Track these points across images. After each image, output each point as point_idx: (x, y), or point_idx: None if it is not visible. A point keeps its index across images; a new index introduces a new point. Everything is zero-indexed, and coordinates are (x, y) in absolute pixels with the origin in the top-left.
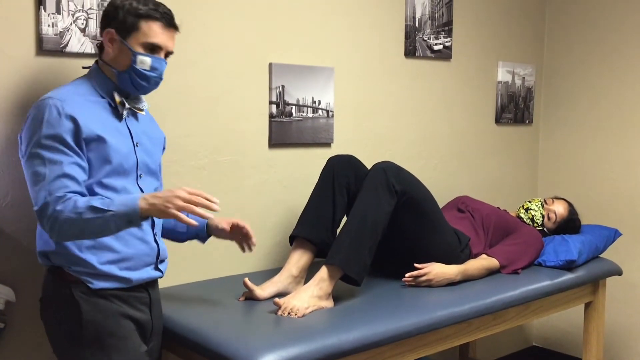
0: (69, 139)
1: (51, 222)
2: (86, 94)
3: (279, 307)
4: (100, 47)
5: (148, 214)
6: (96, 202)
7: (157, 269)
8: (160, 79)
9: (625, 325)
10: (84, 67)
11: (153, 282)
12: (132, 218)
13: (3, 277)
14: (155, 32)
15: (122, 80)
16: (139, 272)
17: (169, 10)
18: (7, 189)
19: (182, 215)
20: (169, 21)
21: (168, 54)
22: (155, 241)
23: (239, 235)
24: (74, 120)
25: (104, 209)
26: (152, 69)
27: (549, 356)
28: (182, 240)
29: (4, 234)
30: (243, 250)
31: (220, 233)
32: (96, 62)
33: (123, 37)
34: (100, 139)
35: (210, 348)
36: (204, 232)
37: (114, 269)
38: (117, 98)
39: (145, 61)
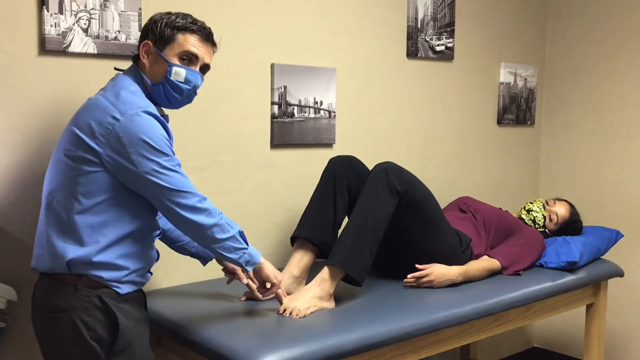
0: None
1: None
2: None
3: (280, 306)
4: (135, 59)
5: (256, 268)
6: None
7: (150, 271)
8: (194, 93)
9: (627, 327)
10: (116, 69)
11: None
12: (248, 263)
13: (5, 277)
14: (191, 42)
15: (156, 93)
16: (147, 275)
17: (208, 27)
18: (9, 188)
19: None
20: (206, 35)
21: (204, 68)
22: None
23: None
24: None
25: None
26: (187, 81)
27: (550, 357)
28: (184, 254)
29: (6, 233)
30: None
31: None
32: (138, 71)
33: (159, 49)
34: None
35: (210, 348)
36: (211, 257)
37: (136, 276)
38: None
39: (179, 72)
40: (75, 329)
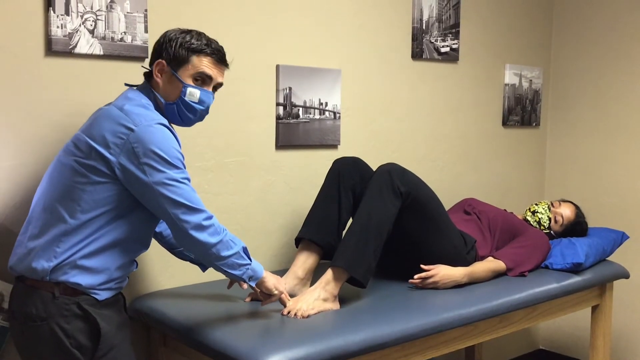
0: None
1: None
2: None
3: (284, 308)
4: (148, 76)
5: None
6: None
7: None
8: (207, 112)
9: (632, 329)
10: (126, 85)
11: None
12: (251, 278)
13: (11, 277)
14: (205, 64)
15: (169, 112)
16: (125, 281)
17: (221, 47)
18: (15, 189)
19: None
20: (220, 57)
21: (217, 86)
22: None
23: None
24: None
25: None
26: (200, 101)
27: (556, 359)
28: (184, 259)
29: (13, 234)
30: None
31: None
32: (151, 88)
33: (174, 69)
34: None
35: (215, 348)
36: None
37: (114, 284)
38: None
39: (194, 93)
40: (54, 337)
